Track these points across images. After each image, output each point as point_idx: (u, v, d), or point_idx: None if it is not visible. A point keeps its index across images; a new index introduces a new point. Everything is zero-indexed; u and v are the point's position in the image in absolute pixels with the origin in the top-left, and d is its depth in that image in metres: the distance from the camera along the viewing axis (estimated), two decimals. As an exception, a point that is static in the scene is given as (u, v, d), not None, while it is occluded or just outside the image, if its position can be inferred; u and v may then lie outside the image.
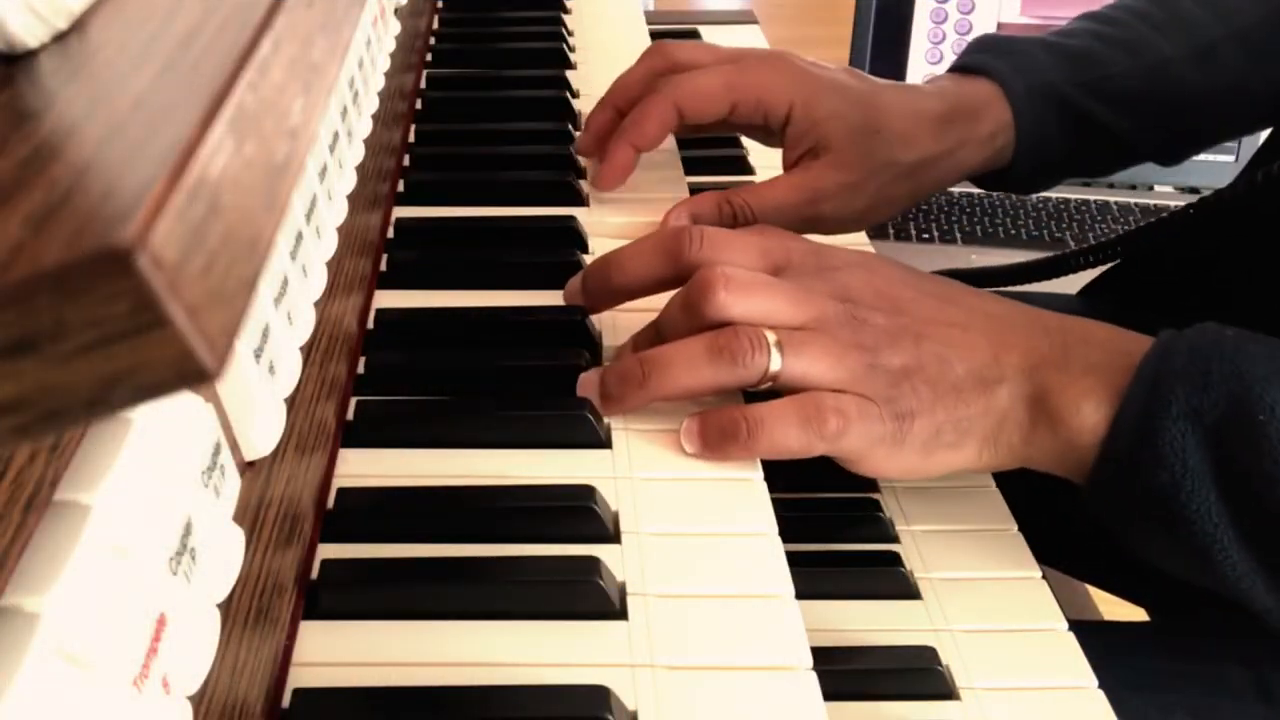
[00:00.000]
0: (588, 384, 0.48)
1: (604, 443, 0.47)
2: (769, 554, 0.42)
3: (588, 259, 0.58)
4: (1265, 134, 0.74)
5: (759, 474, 0.46)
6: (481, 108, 0.75)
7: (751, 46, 0.69)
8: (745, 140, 0.79)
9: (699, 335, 0.46)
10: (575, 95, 0.78)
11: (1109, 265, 0.79)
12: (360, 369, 0.51)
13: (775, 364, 0.45)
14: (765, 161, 0.73)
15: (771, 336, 0.45)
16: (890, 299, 0.48)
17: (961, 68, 0.65)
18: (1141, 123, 0.65)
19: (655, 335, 0.49)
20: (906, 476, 0.49)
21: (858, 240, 0.69)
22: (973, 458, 0.47)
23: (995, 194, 1.44)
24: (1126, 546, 0.47)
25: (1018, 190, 0.69)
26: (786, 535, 0.43)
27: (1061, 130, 0.64)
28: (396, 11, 0.71)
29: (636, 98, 0.62)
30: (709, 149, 0.76)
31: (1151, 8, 0.67)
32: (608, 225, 0.62)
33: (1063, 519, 0.67)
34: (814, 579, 0.45)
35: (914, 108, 0.61)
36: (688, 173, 0.68)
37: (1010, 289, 0.83)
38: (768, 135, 0.64)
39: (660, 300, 0.50)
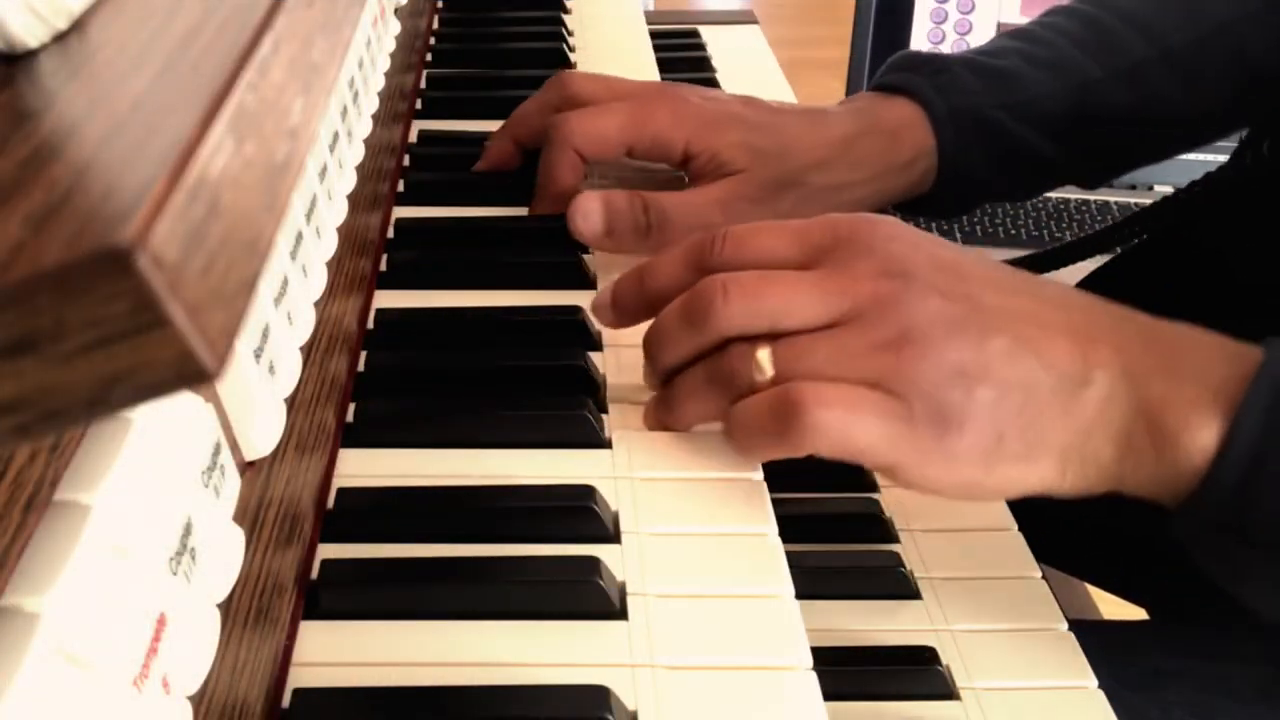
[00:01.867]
0: (648, 416, 0.47)
1: (604, 443, 0.47)
2: (769, 554, 0.42)
3: (588, 259, 0.58)
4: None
5: (759, 474, 0.46)
6: (481, 108, 0.75)
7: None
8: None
9: (701, 363, 0.44)
10: (575, 95, 0.78)
11: (1102, 259, 0.79)
12: (360, 369, 0.51)
13: (767, 373, 0.41)
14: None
15: (763, 353, 0.41)
16: (956, 278, 0.41)
17: (882, 86, 0.64)
18: (1066, 145, 0.63)
19: (659, 345, 0.46)
20: (968, 494, 0.42)
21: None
22: (1053, 475, 0.40)
23: (995, 194, 1.44)
24: (1217, 583, 0.42)
25: (938, 215, 0.67)
26: (786, 535, 0.43)
27: (985, 155, 0.62)
28: (396, 11, 0.71)
29: (535, 128, 0.62)
30: None
31: (1077, 27, 0.65)
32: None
33: (1063, 519, 0.68)
34: (814, 579, 0.45)
35: (823, 132, 0.59)
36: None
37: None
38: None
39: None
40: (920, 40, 1.43)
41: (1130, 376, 0.40)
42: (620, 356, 0.52)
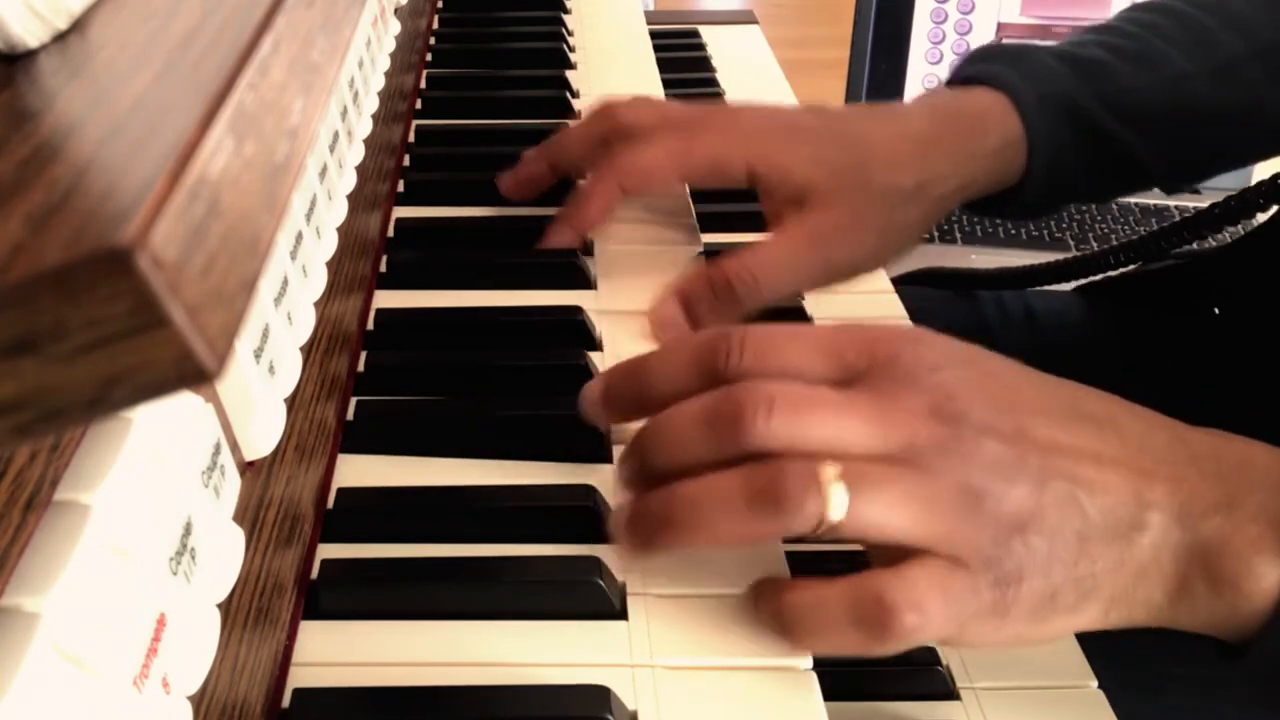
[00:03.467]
0: (617, 528, 0.40)
1: (605, 455, 0.46)
2: (769, 554, 0.42)
3: (588, 259, 0.58)
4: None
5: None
6: (481, 108, 0.75)
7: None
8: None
9: (736, 470, 0.36)
10: (575, 95, 0.78)
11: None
12: (360, 369, 0.51)
13: (837, 509, 0.35)
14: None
15: (831, 472, 0.35)
16: (1009, 413, 0.37)
17: (962, 79, 0.60)
18: (1156, 141, 0.59)
19: (662, 446, 0.39)
20: (1012, 646, 0.39)
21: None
22: (1096, 619, 0.38)
23: (995, 194, 1.44)
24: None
25: (1021, 214, 0.62)
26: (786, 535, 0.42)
27: (1075, 145, 0.58)
28: (396, 11, 0.71)
29: (576, 158, 0.59)
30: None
31: (1164, 21, 0.62)
32: (608, 225, 0.62)
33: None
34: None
35: (899, 127, 0.56)
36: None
37: (1008, 291, 0.83)
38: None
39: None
40: (920, 40, 1.43)
41: (1187, 516, 0.37)
42: (620, 353, 0.52)
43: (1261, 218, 0.69)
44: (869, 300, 0.65)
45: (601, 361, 0.51)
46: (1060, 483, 0.36)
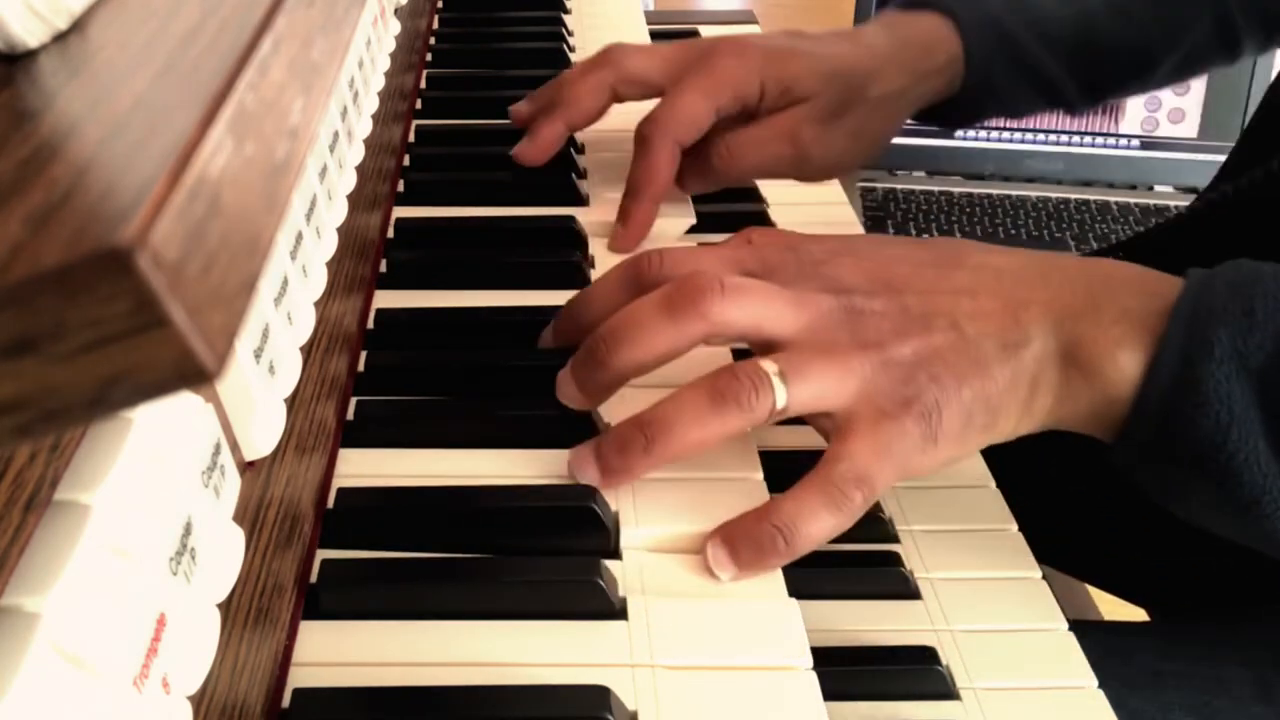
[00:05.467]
0: (582, 461, 0.44)
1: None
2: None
3: (588, 259, 0.58)
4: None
5: (759, 474, 0.46)
6: (481, 108, 0.75)
7: (691, 40, 0.69)
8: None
9: (695, 384, 0.43)
10: (575, 95, 0.78)
11: None
12: (360, 369, 0.51)
13: (781, 398, 0.42)
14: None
15: (772, 368, 0.42)
16: (885, 280, 0.45)
17: (908, 4, 0.67)
18: (1067, 66, 0.68)
19: (624, 337, 0.45)
20: (942, 469, 0.45)
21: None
22: (1008, 431, 0.44)
23: (996, 194, 1.44)
24: (1163, 504, 0.45)
25: (953, 123, 0.71)
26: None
27: (1005, 66, 0.66)
28: (396, 11, 0.71)
29: (590, 110, 0.63)
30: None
31: None
32: (608, 225, 0.62)
33: (1063, 519, 0.68)
34: (814, 579, 0.45)
35: (867, 46, 0.63)
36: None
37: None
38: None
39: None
40: (920, 40, 1.43)
41: (1059, 325, 0.43)
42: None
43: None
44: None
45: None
46: (943, 320, 0.43)
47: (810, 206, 0.70)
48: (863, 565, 0.48)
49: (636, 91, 0.63)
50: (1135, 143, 1.48)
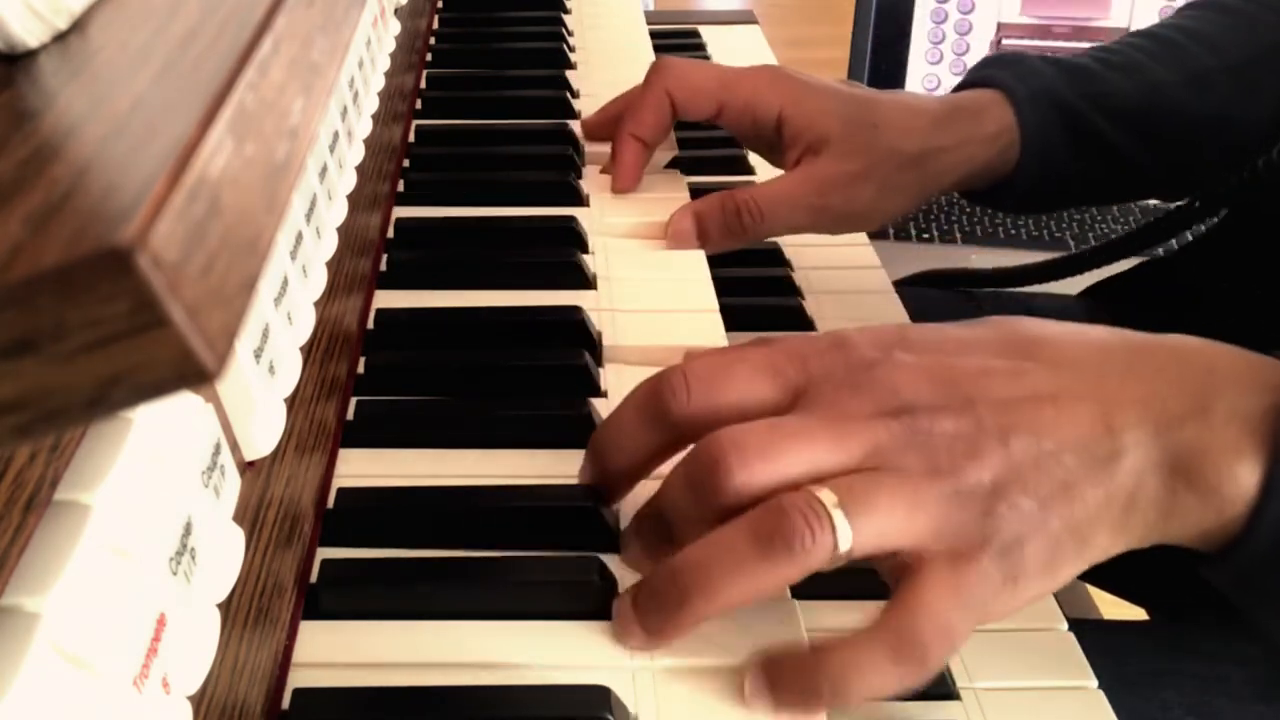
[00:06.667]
0: (622, 616, 0.38)
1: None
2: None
3: (588, 259, 0.58)
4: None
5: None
6: (481, 108, 0.75)
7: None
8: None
9: (736, 523, 0.36)
10: (575, 95, 0.78)
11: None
12: (360, 369, 0.51)
13: (846, 539, 0.35)
14: (764, 160, 0.73)
15: (830, 498, 0.35)
16: (951, 385, 0.38)
17: (966, 84, 0.66)
18: (1140, 141, 0.65)
19: (658, 525, 0.40)
20: (1029, 605, 0.38)
21: (857, 240, 0.69)
22: (1098, 557, 0.38)
23: (995, 194, 1.44)
24: (1258, 621, 0.41)
25: (1019, 207, 0.67)
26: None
27: (1064, 140, 0.63)
28: (396, 11, 0.71)
29: (654, 126, 0.63)
30: (708, 149, 0.76)
31: (1145, 42, 0.68)
32: (608, 225, 0.62)
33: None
34: (814, 579, 0.44)
35: (910, 104, 0.62)
36: (687, 173, 0.68)
37: (1015, 289, 0.84)
38: (770, 151, 0.64)
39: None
40: (920, 40, 1.43)
41: (1161, 432, 0.37)
42: (620, 353, 0.52)
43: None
44: (869, 300, 0.65)
45: (601, 362, 0.51)
46: (1024, 436, 0.37)
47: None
48: (863, 565, 0.48)
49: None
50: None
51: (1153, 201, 1.45)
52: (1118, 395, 0.38)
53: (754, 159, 0.76)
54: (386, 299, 0.55)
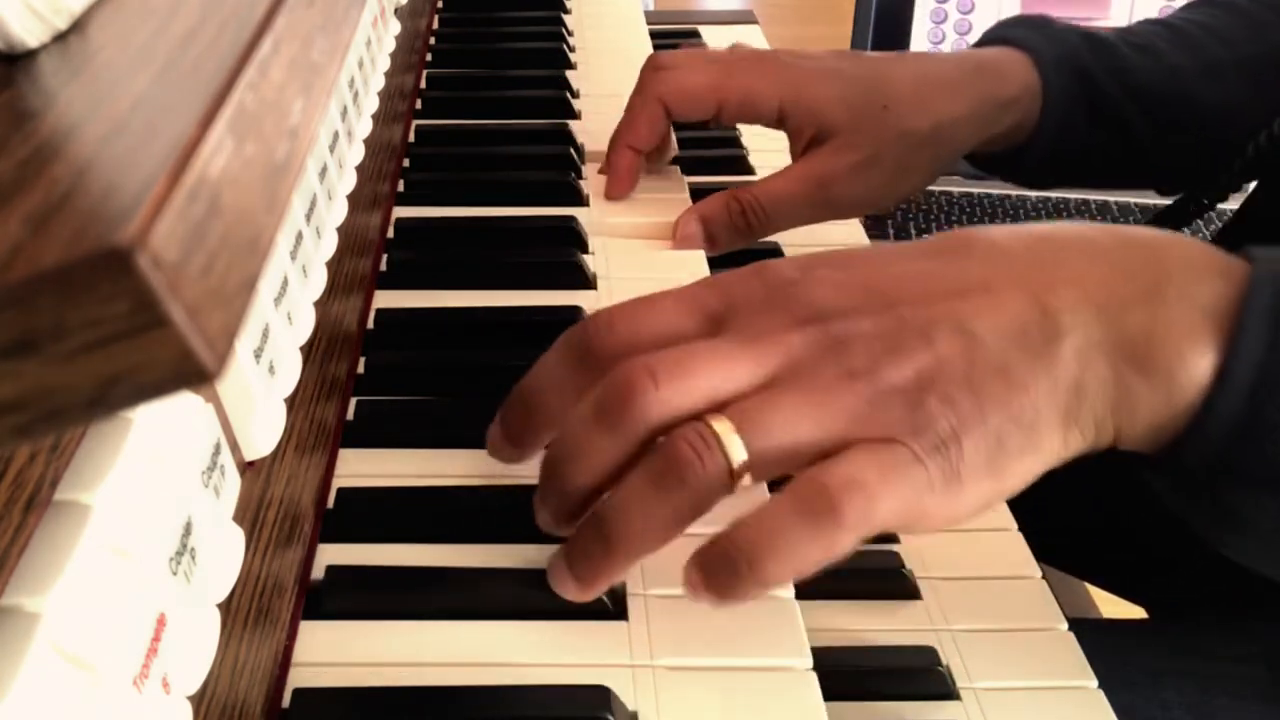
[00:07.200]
0: (556, 571, 0.38)
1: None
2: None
3: (588, 259, 0.58)
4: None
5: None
6: (481, 108, 0.75)
7: (746, 49, 0.67)
8: (745, 140, 0.79)
9: (637, 466, 0.35)
10: (575, 95, 0.78)
11: None
12: (360, 369, 0.51)
13: (738, 455, 0.34)
14: (764, 161, 0.73)
15: (723, 424, 0.34)
16: (871, 290, 0.36)
17: (988, 40, 0.64)
18: (1153, 123, 0.64)
19: (570, 462, 0.37)
20: (985, 509, 0.36)
21: (853, 234, 0.69)
22: (1056, 450, 0.35)
23: (996, 194, 1.44)
24: (1210, 537, 0.38)
25: (1025, 177, 0.65)
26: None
27: (1084, 109, 0.62)
28: (396, 11, 0.71)
29: (647, 136, 0.62)
30: (708, 149, 0.77)
31: (1161, 29, 0.67)
32: (608, 225, 0.62)
33: (1063, 519, 0.68)
34: (814, 579, 0.45)
35: (923, 72, 0.59)
36: (687, 173, 0.68)
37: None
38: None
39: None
40: (920, 40, 1.43)
41: (1105, 313, 0.35)
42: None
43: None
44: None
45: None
46: (946, 326, 0.35)
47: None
48: (862, 565, 0.48)
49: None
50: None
51: (1152, 201, 1.45)
52: (1053, 278, 0.36)
53: (754, 159, 0.76)
54: (386, 299, 0.55)
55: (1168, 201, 0.70)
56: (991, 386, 0.34)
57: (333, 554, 0.42)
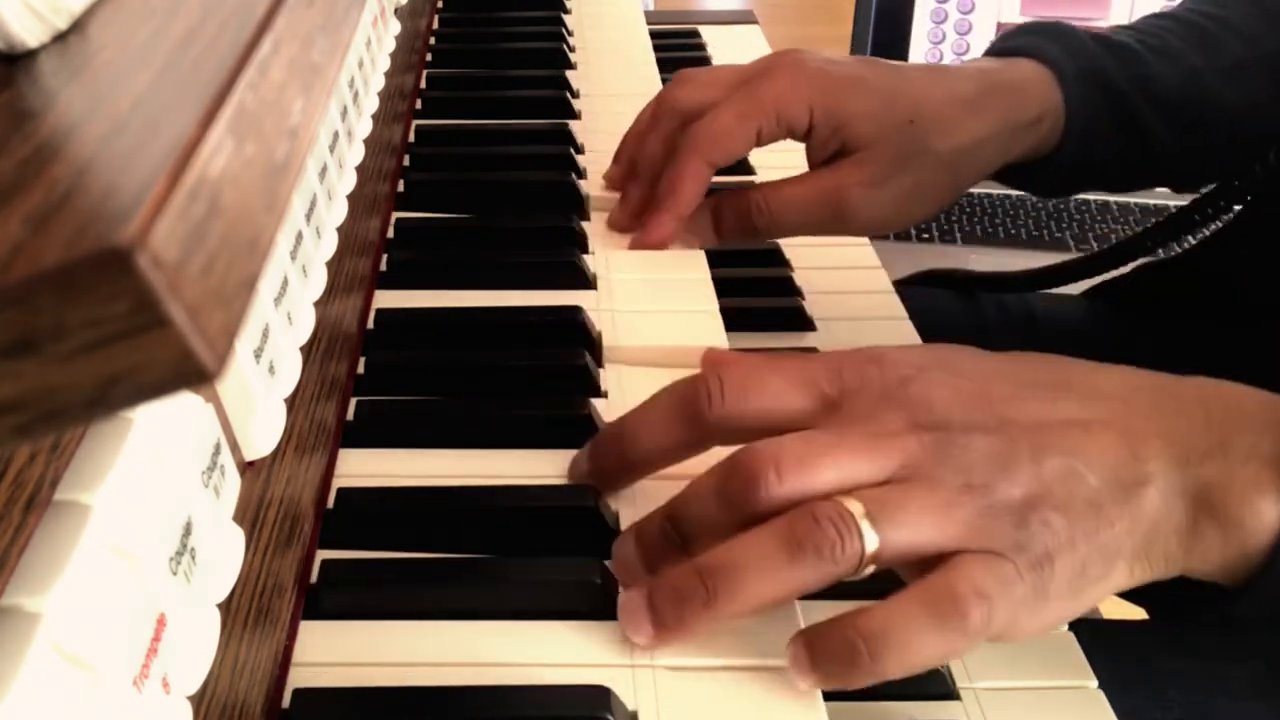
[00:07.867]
0: (634, 614, 0.38)
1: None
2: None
3: (588, 259, 0.58)
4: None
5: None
6: (481, 108, 0.75)
7: (760, 55, 0.65)
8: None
9: (766, 528, 0.36)
10: (575, 95, 0.78)
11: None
12: (360, 369, 0.51)
13: (871, 543, 0.36)
14: (764, 160, 0.73)
15: (858, 508, 0.36)
16: (985, 405, 0.39)
17: (1005, 50, 0.62)
18: (1173, 128, 0.62)
19: (674, 530, 0.39)
20: (1054, 629, 0.40)
21: (857, 240, 0.69)
22: (1123, 580, 0.39)
23: (996, 194, 1.44)
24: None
25: (1045, 189, 0.64)
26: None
27: (1107, 122, 0.60)
28: (396, 11, 0.71)
29: (657, 159, 0.59)
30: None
31: (1175, 26, 0.65)
32: (607, 225, 0.62)
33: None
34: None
35: (949, 91, 0.58)
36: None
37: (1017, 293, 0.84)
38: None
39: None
40: (920, 40, 1.43)
41: (1184, 465, 0.38)
42: (620, 353, 0.52)
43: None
44: (869, 300, 0.65)
45: (601, 362, 0.51)
46: (1055, 457, 0.38)
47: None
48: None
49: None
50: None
51: (1152, 201, 1.45)
52: (1144, 428, 0.39)
53: (754, 158, 0.76)
54: (386, 299, 0.55)
55: (1168, 202, 0.70)
56: (1084, 517, 0.37)
57: (332, 554, 0.42)
